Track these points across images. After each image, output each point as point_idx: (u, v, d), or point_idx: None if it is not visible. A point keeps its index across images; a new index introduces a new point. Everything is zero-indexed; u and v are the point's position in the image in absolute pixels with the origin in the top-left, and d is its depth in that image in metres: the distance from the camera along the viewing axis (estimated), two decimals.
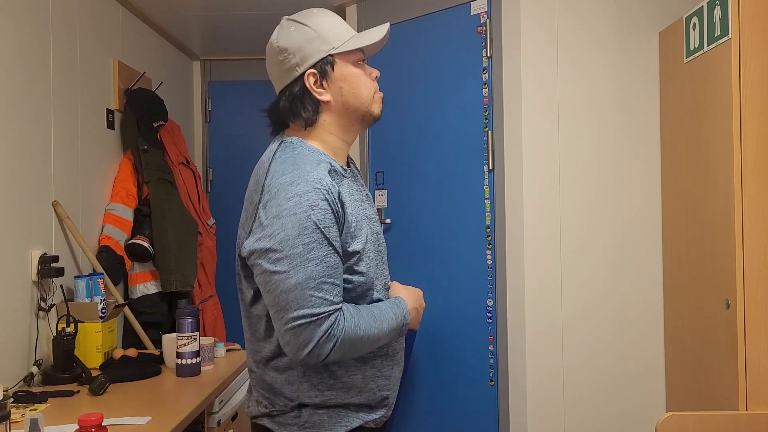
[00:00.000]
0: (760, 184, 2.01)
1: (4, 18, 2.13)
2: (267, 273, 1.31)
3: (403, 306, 1.45)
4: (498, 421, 2.69)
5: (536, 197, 2.59)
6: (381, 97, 1.47)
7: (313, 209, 1.30)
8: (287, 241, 1.29)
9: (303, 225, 1.29)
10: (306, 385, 1.40)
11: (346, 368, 1.41)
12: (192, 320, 2.22)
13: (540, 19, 2.59)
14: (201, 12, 3.42)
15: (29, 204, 2.25)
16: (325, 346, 1.29)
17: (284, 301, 1.29)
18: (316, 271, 1.29)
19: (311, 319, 1.28)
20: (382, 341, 1.40)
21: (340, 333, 1.30)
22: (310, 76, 1.40)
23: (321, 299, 1.29)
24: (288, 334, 1.29)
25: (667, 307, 2.56)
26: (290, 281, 1.28)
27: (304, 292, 1.28)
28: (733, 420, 1.92)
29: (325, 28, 1.41)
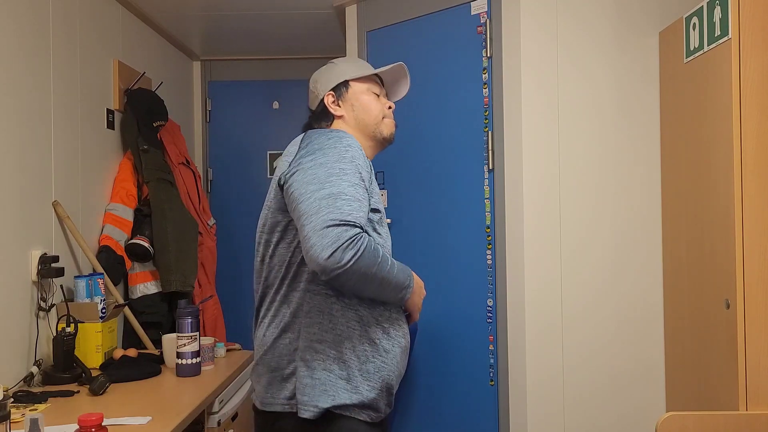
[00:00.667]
0: (760, 184, 2.01)
1: (4, 18, 2.13)
2: (303, 184, 1.44)
3: (409, 271, 1.56)
4: (498, 421, 2.69)
5: (536, 197, 2.59)
6: (392, 123, 1.73)
7: (350, 149, 1.50)
8: (326, 164, 1.45)
9: (341, 155, 1.47)
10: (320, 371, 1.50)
11: (359, 355, 1.50)
12: (192, 320, 2.22)
13: (540, 19, 2.59)
14: (201, 12, 3.42)
15: (29, 204, 2.25)
16: (347, 252, 1.36)
17: (316, 207, 1.39)
18: (348, 189, 1.42)
19: (340, 222, 1.37)
20: (388, 288, 1.48)
21: (362, 247, 1.38)
22: (328, 96, 1.71)
23: (350, 212, 1.39)
24: (315, 236, 1.36)
25: (667, 307, 2.56)
26: (325, 191, 1.41)
27: (336, 200, 1.39)
28: (733, 420, 1.92)
29: (347, 66, 1.75)
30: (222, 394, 2.19)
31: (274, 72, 4.35)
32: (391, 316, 1.55)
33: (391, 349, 1.54)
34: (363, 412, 1.50)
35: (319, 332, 1.50)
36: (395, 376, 1.56)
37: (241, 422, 2.42)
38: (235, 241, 4.18)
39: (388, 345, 1.54)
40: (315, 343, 1.50)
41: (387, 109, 1.73)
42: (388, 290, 1.49)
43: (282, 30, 3.77)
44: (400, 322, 1.59)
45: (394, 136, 1.75)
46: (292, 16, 3.53)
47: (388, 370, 1.53)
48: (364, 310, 1.52)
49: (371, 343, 1.51)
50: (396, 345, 1.56)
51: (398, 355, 1.57)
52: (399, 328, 1.58)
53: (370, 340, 1.51)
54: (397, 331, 1.56)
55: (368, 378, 1.50)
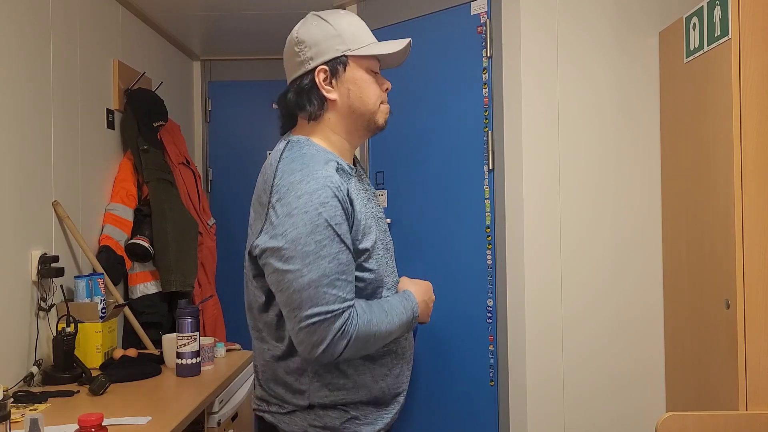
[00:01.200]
0: (760, 184, 2.01)
1: (4, 18, 2.13)
2: (279, 272, 1.31)
3: (412, 299, 1.46)
4: (498, 421, 2.69)
5: (536, 197, 2.59)
6: (387, 110, 1.49)
7: (324, 206, 1.30)
8: (299, 239, 1.29)
9: (314, 222, 1.29)
10: (317, 384, 1.40)
11: (355, 368, 1.42)
12: (192, 320, 2.22)
13: (540, 19, 2.59)
14: (201, 12, 3.42)
15: (29, 204, 2.25)
16: (339, 344, 1.29)
17: (298, 300, 1.29)
18: (329, 268, 1.29)
19: (325, 316, 1.28)
20: (393, 335, 1.41)
21: (354, 329, 1.30)
22: (320, 72, 1.41)
23: (335, 296, 1.29)
24: (302, 333, 1.29)
25: (667, 307, 2.56)
26: (303, 279, 1.28)
27: (318, 289, 1.28)
28: (733, 420, 1.92)
29: (346, 29, 1.42)
30: (222, 394, 2.19)
31: (274, 72, 4.34)
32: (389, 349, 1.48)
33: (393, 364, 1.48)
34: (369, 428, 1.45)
35: (333, 391, 1.42)
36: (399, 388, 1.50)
37: (241, 422, 2.42)
38: (235, 241, 4.18)
39: (377, 354, 1.45)
40: (330, 399, 1.42)
41: (384, 92, 1.47)
42: (396, 334, 1.42)
43: (282, 30, 3.74)
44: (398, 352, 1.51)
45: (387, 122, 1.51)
46: (292, 16, 3.51)
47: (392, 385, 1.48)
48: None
49: (372, 361, 1.45)
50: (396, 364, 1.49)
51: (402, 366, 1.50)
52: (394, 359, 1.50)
53: (371, 358, 1.45)
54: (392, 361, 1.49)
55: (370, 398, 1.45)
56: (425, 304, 1.51)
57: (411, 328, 1.47)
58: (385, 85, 1.48)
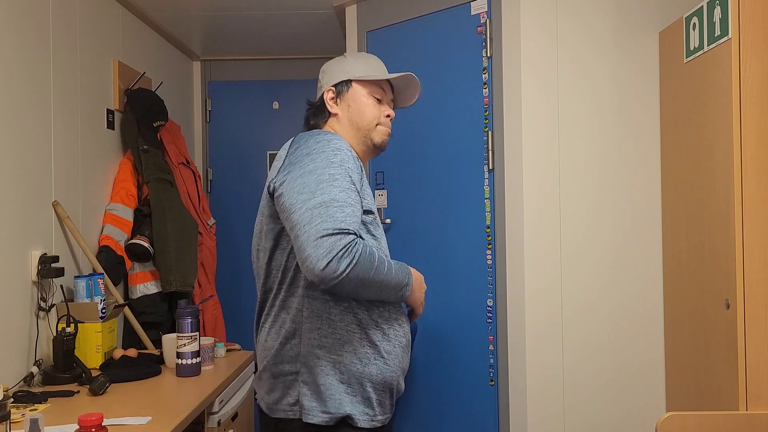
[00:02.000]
0: (760, 184, 2.01)
1: (4, 18, 2.13)
2: (294, 194, 1.43)
3: (407, 269, 1.56)
4: (498, 421, 2.69)
5: (536, 197, 2.59)
6: (386, 131, 1.70)
7: (339, 152, 1.49)
8: (315, 171, 1.44)
9: (330, 160, 1.46)
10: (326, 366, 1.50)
11: (360, 357, 1.50)
12: (192, 320, 2.22)
13: (540, 19, 2.59)
14: (201, 12, 3.42)
15: (29, 204, 2.25)
16: (342, 261, 1.35)
17: (309, 217, 1.38)
18: (340, 195, 1.41)
19: (333, 231, 1.36)
20: (386, 289, 1.48)
21: (358, 254, 1.38)
22: (329, 92, 1.70)
23: (343, 220, 1.38)
24: (309, 247, 1.36)
25: (667, 307, 2.56)
26: (316, 199, 1.40)
27: (328, 209, 1.38)
28: (733, 420, 1.92)
29: (358, 62, 1.71)
30: (222, 394, 2.19)
31: (274, 72, 4.35)
32: (390, 316, 1.55)
33: (392, 350, 1.54)
34: (367, 417, 1.50)
35: (319, 337, 1.50)
36: (398, 376, 1.56)
37: (241, 422, 2.42)
38: (235, 241, 4.18)
39: (389, 346, 1.53)
40: (316, 348, 1.50)
41: (384, 117, 1.69)
42: (388, 291, 1.49)
43: (282, 30, 3.77)
44: (400, 321, 1.59)
45: (386, 144, 1.71)
46: (292, 16, 3.53)
47: (391, 371, 1.53)
48: (362, 313, 1.51)
49: (372, 346, 1.51)
50: (397, 345, 1.56)
51: (400, 355, 1.56)
52: (399, 327, 1.57)
53: (371, 343, 1.51)
54: (397, 331, 1.56)
55: (370, 380, 1.50)
56: (419, 283, 1.60)
57: (402, 294, 1.53)
58: (386, 112, 1.70)
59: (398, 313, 1.58)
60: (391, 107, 1.74)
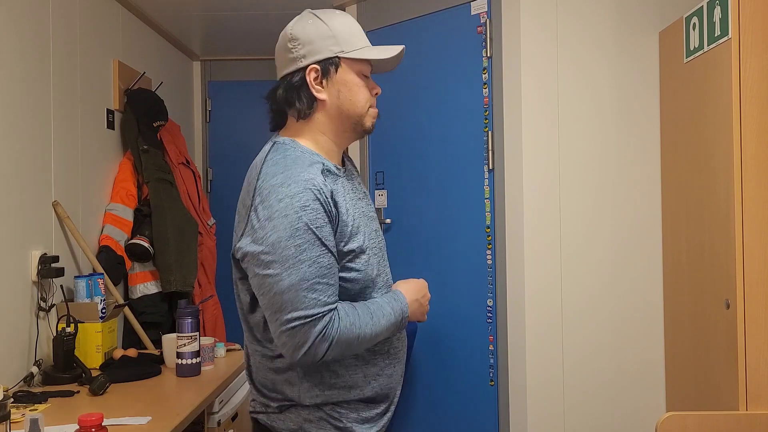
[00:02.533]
0: (760, 184, 2.01)
1: (4, 18, 2.13)
2: (260, 276, 1.32)
3: (401, 299, 1.43)
4: (498, 421, 2.69)
5: (536, 197, 2.59)
6: (376, 113, 1.48)
7: (305, 210, 1.30)
8: (279, 243, 1.29)
9: (294, 226, 1.29)
10: (307, 384, 1.39)
11: (346, 368, 1.41)
12: (192, 320, 2.22)
13: (540, 19, 2.59)
14: (201, 12, 3.42)
15: (29, 204, 2.24)
16: (320, 347, 1.29)
17: (278, 303, 1.29)
18: (308, 272, 1.29)
19: (305, 320, 1.28)
20: (380, 337, 1.39)
21: (336, 333, 1.30)
22: (311, 71, 1.42)
23: (315, 300, 1.29)
24: (284, 336, 1.30)
25: (667, 307, 2.56)
26: (283, 283, 1.28)
27: (297, 293, 1.28)
28: (733, 420, 1.92)
29: (340, 31, 1.42)
30: (222, 394, 2.19)
31: (274, 72, 4.30)
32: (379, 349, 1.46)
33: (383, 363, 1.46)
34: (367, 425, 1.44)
35: (323, 391, 1.41)
36: (393, 385, 1.48)
37: (241, 422, 2.42)
38: None
39: (369, 355, 1.44)
40: (316, 399, 1.42)
41: (373, 97, 1.47)
42: (384, 335, 1.40)
43: (282, 30, 3.76)
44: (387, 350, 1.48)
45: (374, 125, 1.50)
46: (293, 17, 3.51)
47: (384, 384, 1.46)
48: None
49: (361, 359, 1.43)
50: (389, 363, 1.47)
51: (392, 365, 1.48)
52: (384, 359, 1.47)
53: (359, 357, 1.43)
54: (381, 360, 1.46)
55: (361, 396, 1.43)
56: (418, 303, 1.49)
57: (401, 328, 1.45)
58: (375, 89, 1.47)
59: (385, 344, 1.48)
60: (372, 82, 1.50)
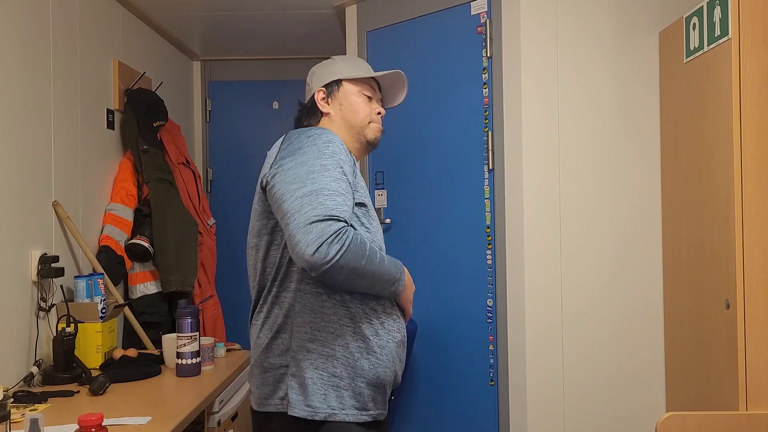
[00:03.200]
0: (760, 184, 2.01)
1: (4, 18, 2.13)
2: (285, 185, 1.43)
3: (400, 264, 1.55)
4: (498, 421, 2.69)
5: (536, 197, 2.59)
6: (378, 128, 1.72)
7: (331, 144, 1.50)
8: (306, 162, 1.45)
9: (321, 151, 1.47)
10: (309, 362, 1.49)
11: (352, 352, 1.49)
12: (192, 320, 2.22)
13: (540, 19, 2.59)
14: (201, 12, 3.42)
15: (29, 204, 2.25)
16: (332, 246, 1.35)
17: (299, 205, 1.39)
18: (331, 185, 1.42)
19: (323, 218, 1.36)
20: (378, 282, 1.48)
21: (348, 240, 1.38)
22: (319, 92, 1.71)
23: (333, 207, 1.38)
24: (299, 233, 1.36)
25: (667, 307, 2.56)
26: (306, 188, 1.40)
27: (318, 197, 1.39)
28: (733, 420, 1.92)
29: (346, 64, 1.74)
30: (222, 394, 2.19)
31: (274, 72, 4.35)
32: (384, 310, 1.54)
33: (385, 345, 1.53)
34: (355, 411, 1.49)
35: (311, 331, 1.49)
36: (391, 372, 1.55)
37: (241, 422, 2.42)
38: (235, 241, 4.18)
39: (381, 341, 1.52)
40: (307, 342, 1.49)
41: (375, 114, 1.71)
42: (380, 284, 1.48)
43: (282, 30, 3.77)
44: (394, 316, 1.57)
45: (379, 141, 1.73)
46: (292, 16, 3.53)
47: (384, 366, 1.52)
48: (355, 307, 1.51)
49: (364, 340, 1.50)
50: (390, 340, 1.54)
51: (394, 350, 1.55)
52: (393, 323, 1.56)
53: (363, 337, 1.50)
54: (391, 326, 1.55)
55: (362, 375, 1.50)
56: (410, 284, 1.60)
57: (394, 290, 1.53)
58: (377, 109, 1.72)
59: (392, 308, 1.57)
60: (380, 105, 1.76)
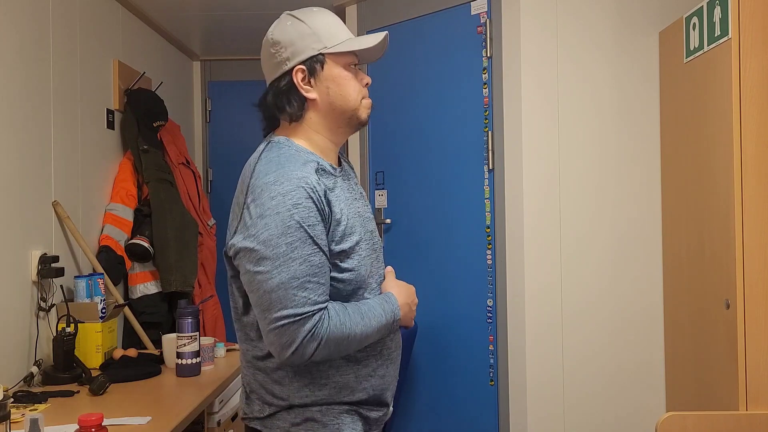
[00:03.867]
0: (760, 184, 2.01)
1: (4, 18, 2.13)
2: (251, 273, 1.31)
3: (393, 302, 1.42)
4: (498, 421, 2.69)
5: (536, 197, 2.59)
6: (369, 104, 1.46)
7: (297, 207, 1.29)
8: (270, 240, 1.28)
9: (286, 224, 1.28)
10: (297, 384, 1.38)
11: (337, 368, 1.39)
12: (192, 320, 2.22)
13: (540, 19, 2.59)
14: (201, 12, 3.42)
15: (29, 204, 2.25)
16: (309, 346, 1.28)
17: (267, 301, 1.28)
18: (299, 270, 1.28)
19: (294, 318, 1.27)
20: (371, 339, 1.38)
21: (325, 332, 1.29)
22: (298, 72, 1.39)
23: (305, 299, 1.28)
24: (272, 334, 1.29)
25: (667, 307, 2.56)
26: (273, 281, 1.28)
27: (287, 291, 1.27)
28: (733, 420, 1.92)
29: (321, 27, 1.40)
30: (222, 394, 2.19)
31: None
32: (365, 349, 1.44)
33: (364, 359, 1.43)
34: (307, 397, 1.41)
35: (313, 392, 1.39)
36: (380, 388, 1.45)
37: (241, 422, 2.42)
38: None
39: (361, 355, 1.42)
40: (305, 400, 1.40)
41: (364, 87, 1.45)
42: (374, 337, 1.39)
43: None
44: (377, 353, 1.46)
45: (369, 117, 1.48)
46: None
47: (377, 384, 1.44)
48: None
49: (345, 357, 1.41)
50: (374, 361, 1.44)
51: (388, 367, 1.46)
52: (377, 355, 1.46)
53: (352, 359, 1.41)
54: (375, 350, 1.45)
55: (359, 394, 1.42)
56: (408, 307, 1.47)
57: (392, 331, 1.44)
58: (365, 80, 1.45)
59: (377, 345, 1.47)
60: (362, 71, 1.48)
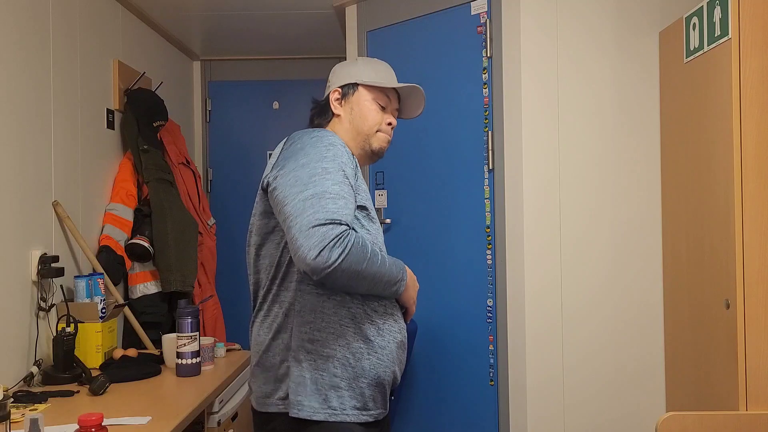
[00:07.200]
0: (760, 184, 2.01)
1: (4, 18, 2.13)
2: (287, 187, 1.44)
3: (402, 266, 1.55)
4: (498, 421, 2.69)
5: (536, 197, 2.59)
6: (385, 138, 1.71)
7: (333, 146, 1.50)
8: (308, 164, 1.45)
9: (323, 154, 1.47)
10: (308, 364, 1.49)
11: (353, 352, 1.49)
12: (192, 320, 2.22)
13: (540, 19, 2.59)
14: (201, 12, 3.42)
15: (29, 204, 2.25)
16: (334, 250, 1.36)
17: (300, 208, 1.39)
18: (332, 188, 1.42)
19: (325, 221, 1.36)
20: (380, 284, 1.48)
21: (350, 244, 1.38)
22: (335, 93, 1.71)
23: (335, 211, 1.39)
24: (301, 236, 1.37)
25: (667, 307, 2.56)
26: (308, 191, 1.41)
27: (320, 200, 1.39)
28: (733, 420, 1.93)
29: (365, 68, 1.72)
30: (222, 394, 2.19)
31: (274, 72, 4.36)
32: (385, 311, 1.55)
33: (386, 345, 1.53)
34: (356, 412, 1.50)
35: (311, 331, 1.49)
36: (390, 372, 1.54)
37: (241, 422, 2.42)
38: (235, 241, 4.18)
39: (382, 341, 1.53)
40: (307, 342, 1.49)
41: (385, 125, 1.70)
42: (381, 285, 1.48)
43: (282, 30, 3.77)
44: (395, 316, 1.57)
45: (384, 151, 1.73)
46: (292, 16, 3.53)
47: (384, 366, 1.52)
48: (356, 307, 1.51)
49: (365, 341, 1.51)
50: (391, 341, 1.55)
51: (394, 351, 1.55)
52: (394, 323, 1.56)
53: (364, 337, 1.50)
54: (391, 326, 1.55)
55: (363, 375, 1.50)
56: (412, 281, 1.60)
57: (396, 290, 1.53)
58: (389, 119, 1.71)
59: (393, 309, 1.57)
60: (394, 116, 1.75)
